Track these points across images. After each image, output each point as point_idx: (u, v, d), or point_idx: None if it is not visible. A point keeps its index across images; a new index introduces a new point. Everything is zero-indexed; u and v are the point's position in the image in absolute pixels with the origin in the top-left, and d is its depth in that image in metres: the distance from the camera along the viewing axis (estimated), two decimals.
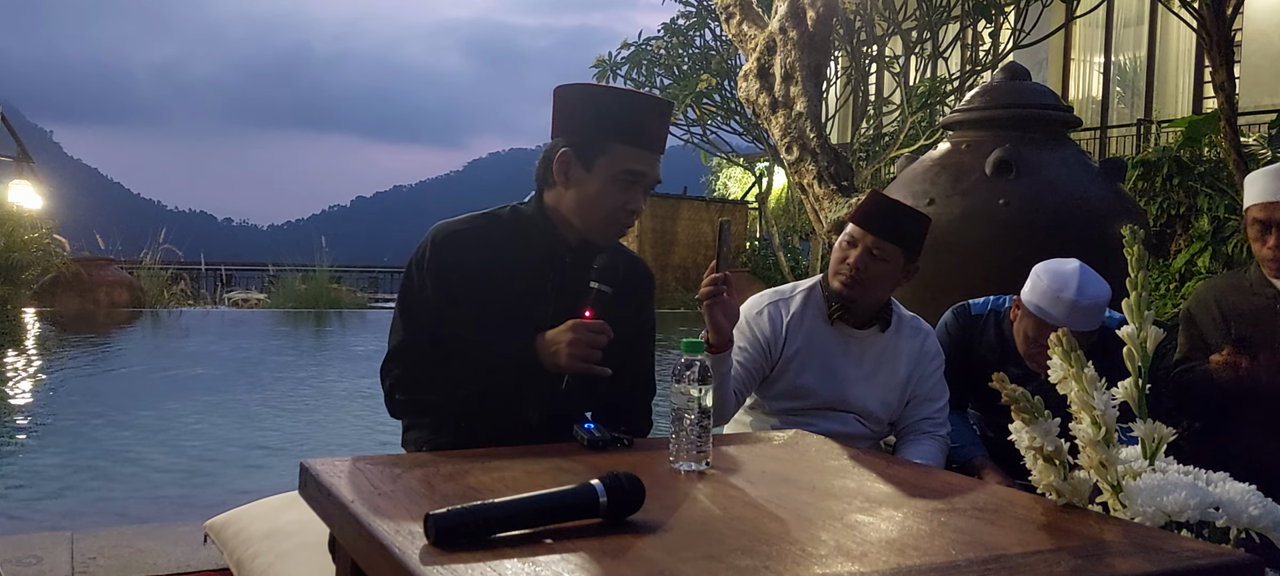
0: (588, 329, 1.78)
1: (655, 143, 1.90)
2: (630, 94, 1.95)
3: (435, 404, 1.88)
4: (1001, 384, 1.43)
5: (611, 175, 1.86)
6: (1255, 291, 2.58)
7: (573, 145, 1.88)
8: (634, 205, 1.89)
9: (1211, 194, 9.62)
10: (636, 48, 12.43)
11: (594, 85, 1.93)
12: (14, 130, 13.15)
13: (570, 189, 1.90)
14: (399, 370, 1.89)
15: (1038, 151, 3.84)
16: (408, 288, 1.92)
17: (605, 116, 1.86)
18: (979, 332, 2.68)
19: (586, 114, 1.88)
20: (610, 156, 1.86)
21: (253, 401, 6.95)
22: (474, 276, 1.88)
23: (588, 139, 1.87)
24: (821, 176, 5.98)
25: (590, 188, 1.88)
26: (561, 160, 1.89)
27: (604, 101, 1.89)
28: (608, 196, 1.87)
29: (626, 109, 1.88)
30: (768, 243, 15.71)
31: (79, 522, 3.72)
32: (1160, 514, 1.41)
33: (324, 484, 1.42)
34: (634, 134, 1.86)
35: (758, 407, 2.50)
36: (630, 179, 1.87)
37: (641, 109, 1.89)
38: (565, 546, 1.16)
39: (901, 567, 1.12)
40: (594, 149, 1.86)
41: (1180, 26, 11.84)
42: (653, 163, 1.90)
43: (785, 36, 6.33)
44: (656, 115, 1.90)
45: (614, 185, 1.87)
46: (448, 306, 1.87)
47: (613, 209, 1.88)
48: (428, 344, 1.88)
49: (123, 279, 13.08)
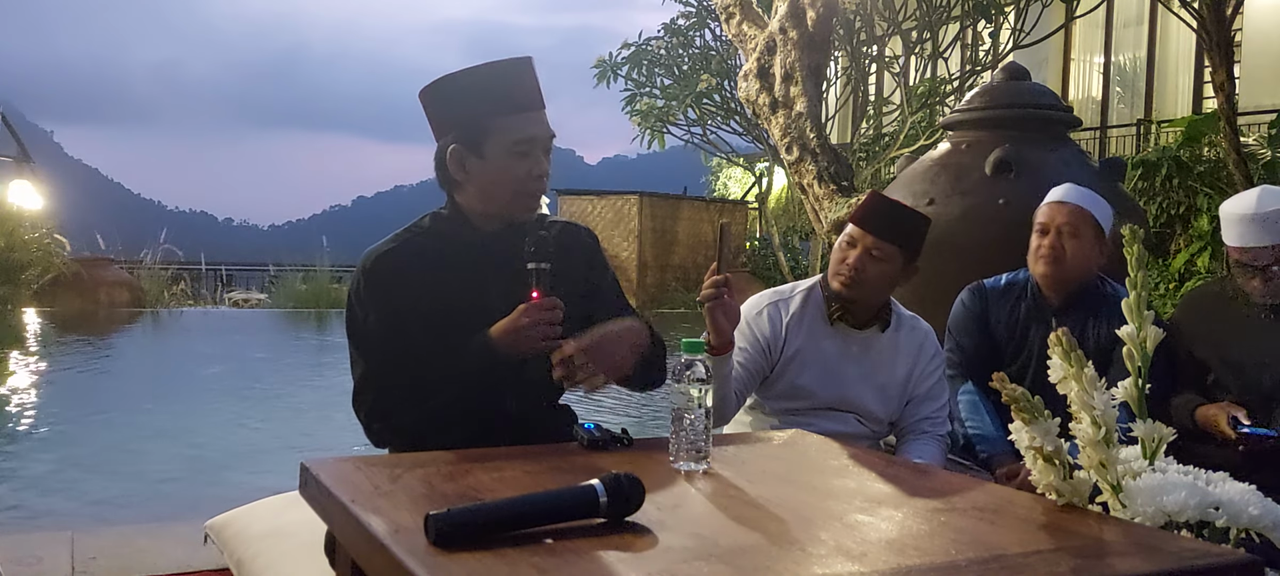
0: (538, 309, 1.76)
1: (532, 101, 1.87)
2: (490, 66, 1.89)
3: (412, 422, 1.87)
4: (1001, 383, 1.43)
5: (505, 150, 1.84)
6: (1243, 302, 2.56)
7: (459, 139, 1.87)
8: (538, 170, 1.87)
9: (1211, 194, 9.61)
10: (636, 48, 12.43)
11: (454, 74, 1.89)
12: (14, 130, 13.16)
13: (471, 181, 1.88)
14: (370, 399, 1.88)
15: (1037, 151, 3.84)
16: (353, 320, 1.91)
17: (477, 98, 1.85)
18: (997, 301, 2.72)
19: (458, 104, 1.87)
20: (497, 134, 1.84)
21: (253, 401, 6.95)
22: (413, 291, 1.87)
23: (469, 127, 1.86)
24: (821, 176, 5.98)
25: (490, 171, 1.86)
26: (453, 157, 1.87)
27: (469, 85, 1.86)
28: (509, 171, 1.86)
29: (493, 82, 1.85)
30: (768, 243, 15.71)
31: (79, 522, 3.72)
32: (1160, 514, 1.41)
33: (324, 484, 1.42)
34: (509, 102, 1.85)
35: (757, 408, 2.50)
36: (525, 147, 1.85)
37: (506, 74, 1.87)
38: (565, 546, 1.15)
39: (901, 567, 1.12)
40: (478, 133, 1.85)
41: (1180, 26, 11.82)
42: (539, 121, 1.88)
43: (785, 36, 6.33)
44: (523, 73, 1.87)
45: (511, 159, 1.85)
46: (396, 326, 1.86)
47: (518, 181, 1.86)
48: (389, 368, 1.87)
49: (123, 279, 13.08)
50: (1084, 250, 2.58)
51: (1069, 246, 2.57)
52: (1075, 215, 2.58)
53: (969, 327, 2.73)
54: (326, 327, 12.00)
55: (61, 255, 12.31)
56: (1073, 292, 2.63)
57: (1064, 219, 2.58)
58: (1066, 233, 2.57)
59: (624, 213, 16.67)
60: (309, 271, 14.02)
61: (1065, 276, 2.59)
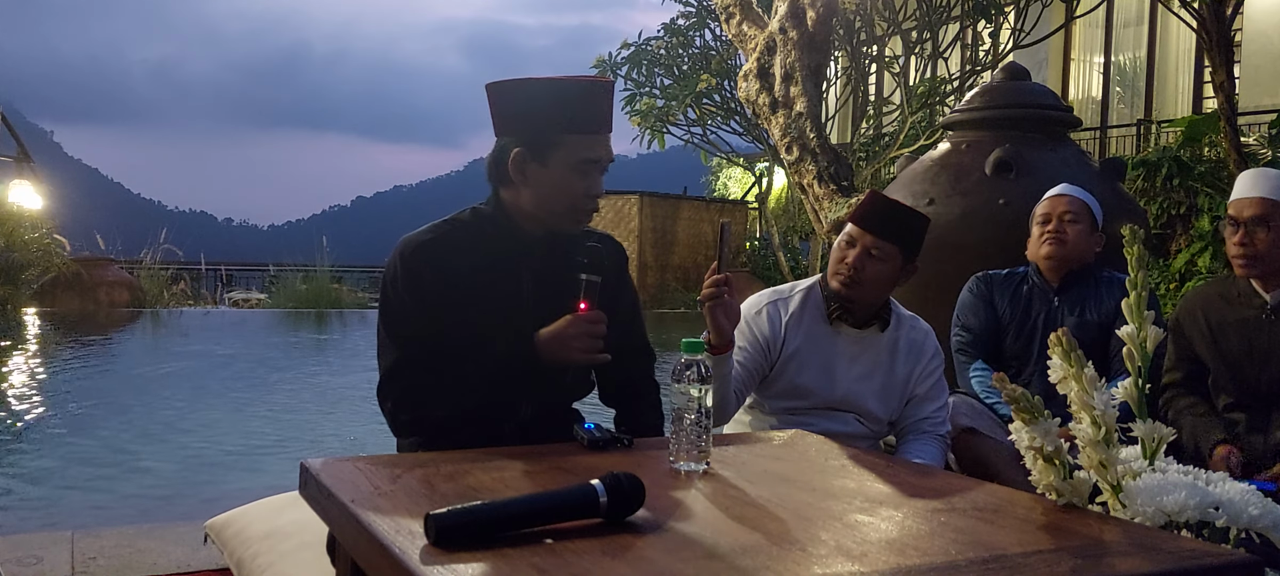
0: (587, 321, 1.80)
1: (603, 124, 1.90)
2: (571, 82, 1.91)
3: (439, 415, 1.88)
4: (1001, 383, 1.43)
5: (569, 166, 1.87)
6: (1243, 302, 2.57)
7: (525, 144, 1.88)
8: (595, 190, 1.90)
9: (1211, 194, 9.61)
10: (636, 48, 12.42)
11: (532, 81, 1.91)
12: (14, 130, 13.16)
13: (528, 186, 1.90)
14: (398, 389, 1.89)
15: (1037, 151, 3.84)
16: (387, 307, 1.92)
17: (553, 110, 1.86)
18: (1000, 286, 2.92)
19: (533, 111, 1.88)
20: (565, 149, 1.86)
21: (253, 401, 6.95)
22: (449, 282, 1.88)
23: (538, 135, 1.87)
24: (821, 176, 5.98)
25: (550, 182, 1.88)
26: (516, 160, 1.89)
27: (548, 95, 1.87)
28: (569, 187, 1.88)
29: (572, 98, 1.87)
30: (768, 243, 15.71)
31: (79, 522, 3.71)
32: (1160, 514, 1.41)
33: (324, 484, 1.42)
34: (584, 122, 1.87)
35: (757, 407, 2.50)
36: (588, 167, 1.88)
37: (587, 95, 1.89)
38: (565, 546, 1.15)
39: (901, 567, 1.12)
40: (547, 144, 1.87)
41: (1180, 26, 11.83)
42: (605, 145, 1.91)
43: (785, 36, 6.33)
44: (601, 97, 1.90)
45: (573, 175, 1.87)
46: (430, 316, 1.87)
47: (575, 198, 1.89)
48: (422, 358, 1.88)
49: (123, 279, 13.08)
50: (1083, 233, 2.83)
51: (1071, 231, 2.81)
52: (1074, 204, 2.84)
53: (976, 309, 2.91)
54: (326, 327, 12.00)
55: (61, 255, 12.31)
56: (1072, 275, 2.84)
57: (1065, 207, 2.84)
58: (1068, 219, 2.82)
59: (624, 212, 16.67)
60: (309, 271, 14.00)
61: (1067, 257, 2.81)
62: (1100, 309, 2.79)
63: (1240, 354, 2.54)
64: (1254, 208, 2.48)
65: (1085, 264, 2.84)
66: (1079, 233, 2.82)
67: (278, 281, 15.24)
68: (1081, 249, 2.82)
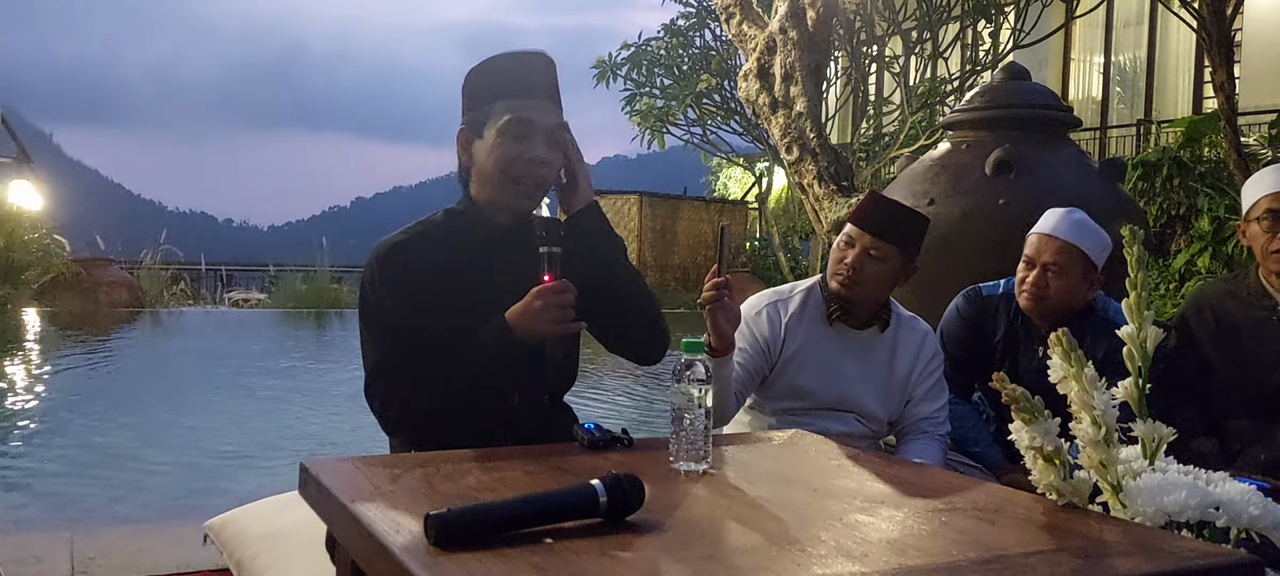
0: (551, 291, 1.78)
1: (535, 89, 1.90)
2: (505, 54, 1.92)
3: (427, 408, 1.88)
4: (1001, 383, 1.43)
5: (499, 130, 1.87)
6: (1253, 302, 2.51)
7: (466, 122, 1.92)
8: (531, 153, 1.88)
9: (1211, 194, 9.62)
10: (636, 48, 12.42)
11: (479, 62, 1.93)
12: (14, 131, 13.17)
13: (475, 164, 1.92)
14: (384, 386, 1.90)
15: (1037, 151, 3.84)
16: (366, 308, 1.92)
17: (485, 82, 1.89)
18: (991, 314, 2.72)
19: (473, 90, 1.91)
20: (495, 115, 1.88)
21: (253, 401, 6.95)
22: (425, 280, 1.89)
23: (475, 109, 1.90)
24: (821, 176, 5.98)
25: (486, 151, 1.89)
26: (461, 139, 1.93)
27: (482, 71, 1.91)
28: (504, 150, 1.87)
29: (502, 68, 1.89)
30: (768, 243, 15.71)
31: (79, 522, 3.72)
32: (1160, 514, 1.41)
33: (324, 484, 1.42)
34: (512, 88, 1.88)
35: (757, 407, 2.50)
36: (519, 129, 1.87)
37: (515, 62, 1.90)
38: (565, 546, 1.15)
39: (901, 567, 1.12)
40: (481, 116, 1.89)
41: (1180, 26, 11.83)
42: (542, 110, 1.89)
43: (785, 36, 6.33)
44: (532, 62, 1.91)
45: (506, 138, 1.87)
46: (409, 314, 1.87)
47: (509, 161, 1.88)
48: (404, 354, 1.88)
49: (123, 279, 13.07)
50: (1069, 287, 2.55)
51: (1053, 285, 2.55)
52: (1063, 252, 2.54)
53: (960, 337, 2.73)
54: (326, 327, 12.00)
55: (61, 255, 12.31)
56: (1061, 320, 2.57)
57: (1051, 256, 2.55)
58: (1052, 272, 2.55)
59: (624, 212, 16.68)
60: (309, 272, 14.00)
61: (1047, 311, 2.58)
62: (1098, 354, 2.43)
63: (1250, 356, 2.49)
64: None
65: (1073, 310, 2.58)
66: (1063, 286, 2.54)
67: (278, 281, 15.24)
68: (1065, 302, 2.56)
